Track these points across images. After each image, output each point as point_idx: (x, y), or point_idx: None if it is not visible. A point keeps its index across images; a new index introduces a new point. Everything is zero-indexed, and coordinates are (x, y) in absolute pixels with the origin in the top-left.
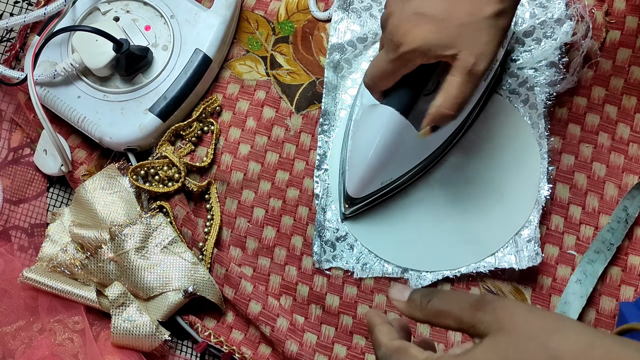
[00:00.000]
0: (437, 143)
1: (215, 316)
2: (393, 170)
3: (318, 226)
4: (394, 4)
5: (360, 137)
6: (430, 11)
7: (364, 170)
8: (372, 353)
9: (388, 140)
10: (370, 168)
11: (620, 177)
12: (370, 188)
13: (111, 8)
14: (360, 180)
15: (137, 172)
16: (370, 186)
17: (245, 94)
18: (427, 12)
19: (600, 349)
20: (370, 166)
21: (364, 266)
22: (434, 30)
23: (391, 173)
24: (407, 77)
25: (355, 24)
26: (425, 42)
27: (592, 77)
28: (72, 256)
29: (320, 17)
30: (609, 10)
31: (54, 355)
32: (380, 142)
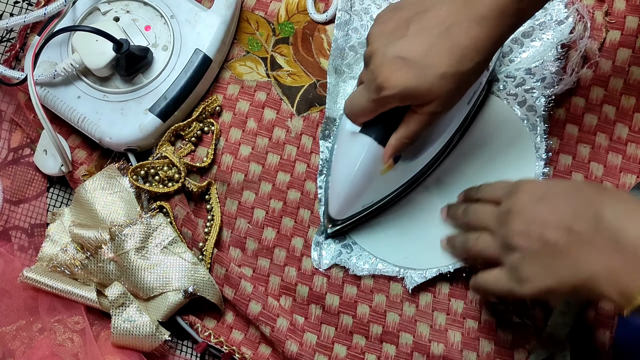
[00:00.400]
0: (415, 170)
1: (215, 316)
2: (373, 194)
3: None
4: (377, 41)
5: (341, 164)
6: (412, 57)
7: (344, 195)
8: (372, 353)
9: (366, 168)
10: (351, 193)
11: (618, 177)
12: (352, 211)
13: (111, 8)
14: (341, 203)
15: (137, 172)
16: (351, 209)
17: (246, 94)
18: (409, 57)
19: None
20: (351, 192)
21: (362, 266)
22: (414, 77)
23: (371, 197)
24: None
25: (357, 27)
26: (405, 88)
27: (591, 77)
28: (72, 256)
29: (318, 19)
30: (608, 11)
31: (54, 355)
32: (359, 170)
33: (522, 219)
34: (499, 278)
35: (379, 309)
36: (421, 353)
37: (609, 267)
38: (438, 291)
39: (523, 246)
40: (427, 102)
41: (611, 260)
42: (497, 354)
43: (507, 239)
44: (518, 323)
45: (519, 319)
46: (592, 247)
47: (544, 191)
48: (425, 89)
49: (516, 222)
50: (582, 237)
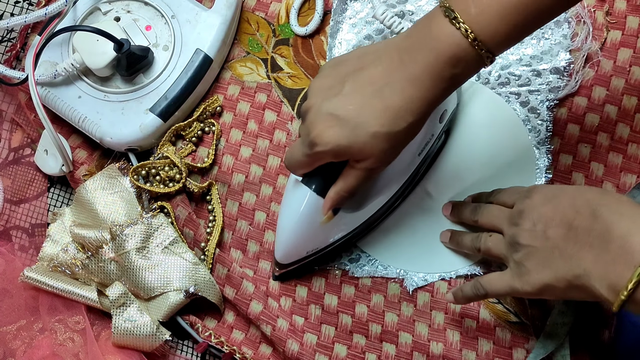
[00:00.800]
0: (359, 220)
1: (215, 316)
2: (316, 242)
3: None
4: (314, 97)
5: (284, 212)
6: (344, 115)
7: (287, 242)
8: (373, 352)
9: (307, 218)
10: (293, 241)
11: (619, 177)
12: (297, 256)
13: (112, 8)
14: (285, 249)
15: (138, 172)
16: (295, 255)
17: (246, 95)
18: (342, 115)
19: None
20: (293, 239)
21: (362, 268)
22: (346, 135)
23: (315, 244)
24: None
25: (350, 34)
26: (337, 145)
27: (593, 77)
28: (72, 256)
29: (299, 32)
30: (609, 11)
31: (55, 355)
32: (300, 219)
33: (530, 219)
34: (502, 276)
35: (377, 309)
36: (421, 352)
37: (599, 261)
38: (436, 291)
39: (528, 243)
40: (361, 159)
41: (601, 255)
42: (496, 354)
43: (515, 237)
44: (517, 322)
45: (518, 318)
46: (586, 242)
47: (554, 193)
48: (358, 148)
49: (525, 221)
50: (578, 233)
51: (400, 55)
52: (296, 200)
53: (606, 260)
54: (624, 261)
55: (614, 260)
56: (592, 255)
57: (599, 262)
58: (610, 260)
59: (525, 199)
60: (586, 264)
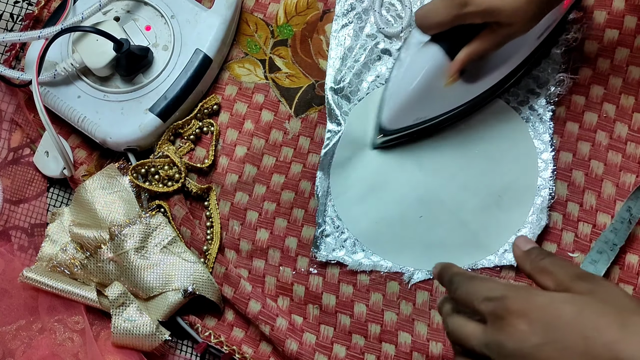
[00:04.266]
0: (473, 94)
1: (215, 315)
2: (430, 108)
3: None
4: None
5: (404, 71)
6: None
7: (401, 102)
8: (372, 353)
9: (429, 77)
10: (408, 101)
11: (618, 176)
12: (404, 122)
13: (112, 8)
14: (396, 111)
15: (138, 170)
16: (404, 119)
17: (243, 96)
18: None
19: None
20: (408, 99)
21: (361, 263)
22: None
23: (427, 111)
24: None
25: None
26: (490, 7)
27: (590, 75)
28: (71, 256)
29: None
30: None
31: (54, 355)
32: (423, 78)
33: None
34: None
35: (376, 308)
36: (421, 353)
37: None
38: (435, 289)
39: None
40: (508, 23)
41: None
42: None
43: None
44: None
45: None
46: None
47: (546, 320)
48: (511, 10)
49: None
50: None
51: None
52: (421, 59)
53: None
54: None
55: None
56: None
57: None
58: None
59: (500, 321)
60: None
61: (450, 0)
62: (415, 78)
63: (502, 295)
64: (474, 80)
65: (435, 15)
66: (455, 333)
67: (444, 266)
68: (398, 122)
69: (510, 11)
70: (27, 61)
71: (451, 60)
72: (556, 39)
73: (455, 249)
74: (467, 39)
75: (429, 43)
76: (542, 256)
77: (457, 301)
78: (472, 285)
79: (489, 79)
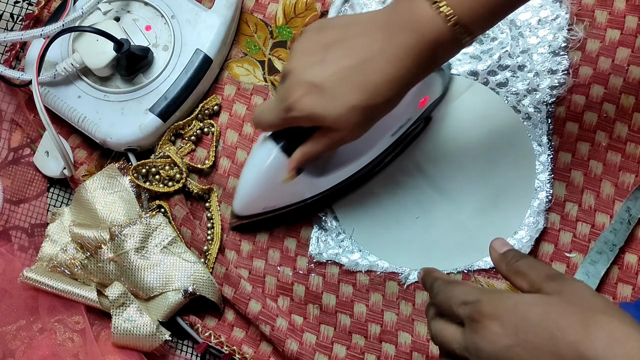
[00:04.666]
0: (321, 188)
1: (216, 315)
2: (274, 199)
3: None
4: (295, 60)
5: (249, 164)
6: (323, 84)
7: (246, 194)
8: (372, 353)
9: (269, 173)
10: (251, 194)
11: (617, 176)
12: (253, 210)
13: (112, 8)
14: (242, 201)
15: (139, 170)
16: (252, 208)
17: (242, 97)
18: (321, 84)
19: (634, 342)
20: (251, 192)
21: (357, 263)
22: (322, 105)
23: (275, 201)
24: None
25: None
26: (312, 113)
27: (591, 75)
28: (72, 256)
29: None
30: (590, 22)
31: (55, 355)
32: (262, 173)
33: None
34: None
35: (376, 308)
36: (421, 353)
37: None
38: None
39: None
40: (334, 129)
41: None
42: None
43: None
44: None
45: None
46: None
47: (515, 322)
48: (332, 119)
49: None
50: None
51: (383, 31)
52: (262, 154)
53: None
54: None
55: None
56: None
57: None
58: None
59: (475, 323)
60: None
61: (279, 103)
62: (256, 172)
63: (477, 299)
64: (320, 174)
65: (267, 116)
66: (438, 337)
67: (427, 271)
68: (247, 210)
69: (333, 118)
70: (27, 61)
71: (288, 158)
72: (416, 134)
73: (451, 250)
74: (303, 138)
75: (267, 139)
76: (517, 258)
77: (438, 306)
78: (450, 290)
79: (339, 174)
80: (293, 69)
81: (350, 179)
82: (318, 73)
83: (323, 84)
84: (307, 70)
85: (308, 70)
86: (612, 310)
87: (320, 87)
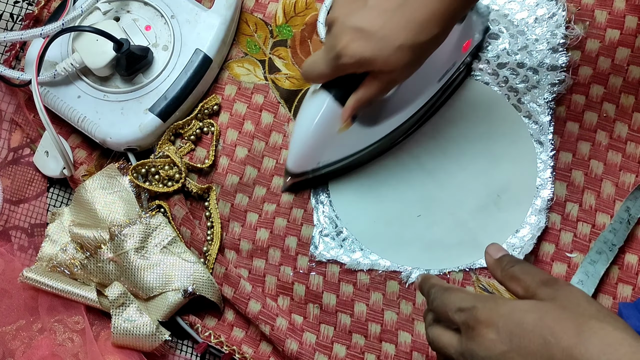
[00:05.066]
0: (374, 138)
1: (215, 315)
2: (330, 153)
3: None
4: (338, 9)
5: (301, 119)
6: (369, 28)
7: (300, 149)
8: (372, 352)
9: (324, 124)
10: (306, 148)
11: (618, 175)
12: (308, 166)
13: (111, 8)
14: (297, 157)
15: (138, 170)
16: (307, 164)
17: (243, 96)
18: (367, 28)
19: (627, 348)
20: (306, 146)
21: (359, 262)
22: (371, 48)
23: (328, 155)
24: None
25: None
26: (362, 57)
27: (590, 75)
28: (71, 256)
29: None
30: (590, 22)
31: (54, 355)
32: (317, 125)
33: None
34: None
35: (376, 308)
36: (421, 352)
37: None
38: None
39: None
40: (385, 70)
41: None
42: None
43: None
44: None
45: None
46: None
47: (510, 330)
48: (382, 60)
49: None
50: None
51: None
52: (314, 107)
53: None
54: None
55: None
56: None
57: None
58: None
59: (471, 330)
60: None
61: (328, 52)
62: (310, 125)
63: (472, 305)
64: (373, 123)
65: (317, 67)
66: (435, 343)
67: (424, 277)
68: (302, 166)
69: (383, 60)
70: (27, 61)
71: (342, 107)
72: (461, 80)
73: (453, 249)
74: (355, 85)
75: (318, 91)
76: (512, 263)
77: (435, 312)
78: (446, 296)
79: (391, 122)
80: (337, 18)
81: (399, 127)
82: (363, 17)
83: (369, 27)
84: (351, 17)
85: (352, 16)
86: (605, 316)
87: (366, 31)
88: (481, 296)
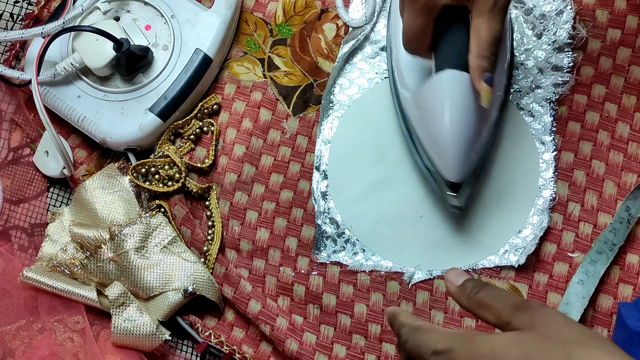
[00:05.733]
0: (498, 92)
1: (216, 315)
2: (482, 132)
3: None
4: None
5: (433, 117)
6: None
7: (457, 148)
8: (372, 353)
9: (463, 106)
10: (462, 140)
11: (620, 176)
12: (469, 162)
13: (111, 7)
14: (457, 161)
15: (138, 170)
16: (468, 160)
17: (242, 94)
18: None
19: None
20: (461, 138)
21: (361, 264)
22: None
23: (482, 136)
24: (447, 32)
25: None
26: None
27: (592, 75)
28: (71, 256)
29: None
30: (593, 23)
31: (54, 355)
32: (460, 108)
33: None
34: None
35: (376, 308)
36: None
37: None
38: (435, 289)
39: None
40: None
41: None
42: None
43: None
44: None
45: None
46: None
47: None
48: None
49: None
50: None
51: None
52: (440, 93)
53: None
54: None
55: None
56: None
57: None
58: None
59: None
60: None
61: (408, 5)
62: (454, 111)
63: (449, 347)
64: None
65: (409, 26)
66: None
67: (390, 315)
68: (466, 164)
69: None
70: (27, 61)
71: (468, 73)
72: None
73: (455, 249)
74: (464, 47)
75: (435, 74)
76: (477, 289)
77: (408, 354)
78: (419, 338)
79: (501, 77)
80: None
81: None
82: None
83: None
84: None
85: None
86: (590, 339)
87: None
88: (456, 335)
